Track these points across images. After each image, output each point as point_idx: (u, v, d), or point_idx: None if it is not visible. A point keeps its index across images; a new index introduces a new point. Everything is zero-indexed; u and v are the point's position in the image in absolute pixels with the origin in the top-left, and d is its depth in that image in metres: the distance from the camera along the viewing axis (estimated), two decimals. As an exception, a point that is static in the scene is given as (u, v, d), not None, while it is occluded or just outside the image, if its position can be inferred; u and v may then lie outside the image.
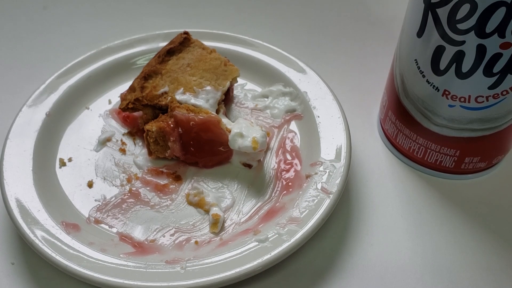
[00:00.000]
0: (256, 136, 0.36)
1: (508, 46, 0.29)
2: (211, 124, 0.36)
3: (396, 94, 0.37)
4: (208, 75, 0.40)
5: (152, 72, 0.39)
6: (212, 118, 0.36)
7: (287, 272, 0.33)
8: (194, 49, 0.41)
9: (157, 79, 0.39)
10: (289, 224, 0.33)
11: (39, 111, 0.40)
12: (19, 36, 0.52)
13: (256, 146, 0.36)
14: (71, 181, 0.37)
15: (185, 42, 0.42)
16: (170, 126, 0.37)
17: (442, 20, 0.30)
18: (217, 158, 0.38)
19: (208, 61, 0.40)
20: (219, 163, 0.38)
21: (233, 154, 0.38)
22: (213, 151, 0.37)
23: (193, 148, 0.37)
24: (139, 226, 0.35)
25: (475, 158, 0.36)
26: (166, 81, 0.39)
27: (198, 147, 0.37)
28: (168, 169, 0.38)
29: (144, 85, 0.39)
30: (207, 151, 0.37)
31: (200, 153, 0.37)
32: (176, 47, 0.41)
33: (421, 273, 0.33)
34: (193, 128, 0.36)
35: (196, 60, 0.41)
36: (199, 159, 0.38)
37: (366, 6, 0.56)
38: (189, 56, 0.41)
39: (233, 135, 0.36)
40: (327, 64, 0.48)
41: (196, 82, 0.39)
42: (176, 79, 0.40)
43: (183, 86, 0.39)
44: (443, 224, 0.36)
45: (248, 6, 0.56)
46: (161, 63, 0.40)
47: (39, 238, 0.32)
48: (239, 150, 0.36)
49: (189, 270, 0.31)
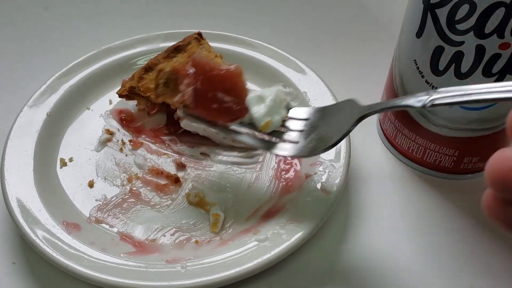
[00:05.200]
0: (274, 119, 0.32)
1: (507, 47, 0.29)
2: (232, 73, 0.32)
3: (396, 94, 0.37)
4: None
5: (154, 65, 0.40)
6: (234, 69, 0.32)
7: (287, 272, 0.33)
8: (201, 50, 0.41)
9: (154, 72, 0.40)
10: (288, 224, 0.33)
11: (40, 111, 0.40)
12: (20, 36, 0.52)
13: (266, 127, 0.32)
14: (72, 181, 0.37)
15: (193, 44, 0.42)
16: (185, 69, 0.33)
17: (441, 21, 0.30)
18: (229, 114, 0.33)
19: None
20: (230, 120, 0.33)
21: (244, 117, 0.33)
22: (227, 104, 0.32)
23: (206, 96, 0.32)
24: (139, 226, 0.35)
25: (474, 158, 0.36)
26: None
27: (211, 96, 0.32)
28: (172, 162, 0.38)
29: (143, 76, 0.39)
30: (220, 102, 0.32)
31: (211, 103, 0.32)
32: (184, 45, 0.41)
33: (420, 273, 0.33)
34: (212, 75, 0.32)
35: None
36: (209, 111, 0.33)
37: (366, 7, 0.56)
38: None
39: (255, 95, 0.32)
40: (327, 64, 0.48)
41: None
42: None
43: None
44: (442, 223, 0.36)
45: (248, 6, 0.56)
46: (166, 58, 0.40)
47: (40, 237, 0.32)
48: (249, 116, 0.32)
49: (189, 269, 0.31)
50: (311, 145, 0.30)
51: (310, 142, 0.30)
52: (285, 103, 0.33)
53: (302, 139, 0.31)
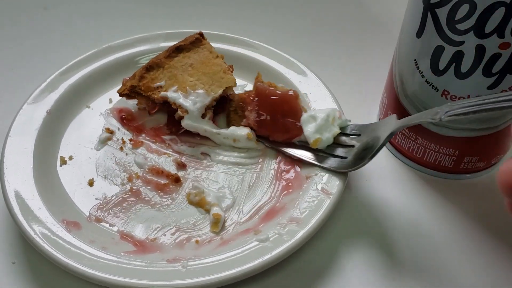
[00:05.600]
0: (324, 137, 0.36)
1: (507, 46, 0.29)
2: (289, 97, 0.37)
3: (395, 94, 0.37)
4: (205, 78, 0.40)
5: (155, 65, 0.40)
6: (291, 93, 0.38)
7: (287, 272, 0.33)
8: (202, 50, 0.42)
9: (158, 72, 0.40)
10: (289, 224, 0.33)
11: (40, 109, 0.40)
12: (20, 35, 0.52)
13: (315, 144, 0.36)
14: (72, 179, 0.37)
15: (196, 42, 0.42)
16: (249, 97, 0.38)
17: (441, 21, 0.30)
18: (287, 133, 0.38)
19: (209, 65, 0.40)
20: (288, 138, 0.38)
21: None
22: (285, 125, 0.38)
23: (268, 119, 0.38)
24: (139, 225, 0.35)
25: (474, 157, 0.36)
26: (165, 75, 0.40)
27: (272, 119, 0.38)
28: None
29: (144, 75, 0.40)
30: (279, 124, 0.38)
31: (273, 125, 0.38)
32: (186, 45, 0.41)
33: (420, 273, 0.33)
34: (272, 100, 0.37)
35: (199, 62, 0.41)
36: (271, 131, 0.38)
37: (366, 7, 0.56)
38: (194, 57, 0.41)
39: (308, 115, 0.37)
40: (327, 64, 0.48)
41: (192, 83, 0.39)
42: (175, 75, 0.40)
43: (178, 84, 0.39)
44: (442, 223, 0.36)
45: (249, 7, 0.56)
46: (167, 57, 0.41)
47: (40, 236, 0.32)
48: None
49: (190, 269, 0.31)
50: (356, 159, 0.35)
51: (355, 156, 0.35)
52: (339, 121, 0.37)
53: (350, 154, 0.35)
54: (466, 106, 0.25)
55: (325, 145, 0.36)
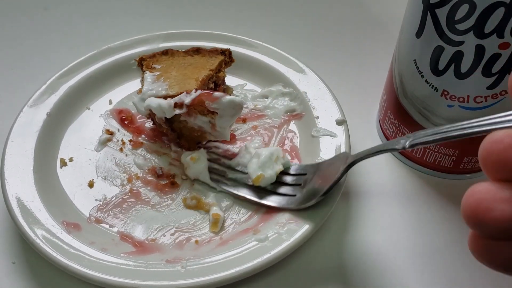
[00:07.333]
0: (267, 174, 0.34)
1: (507, 46, 0.29)
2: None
3: (395, 94, 0.37)
4: (181, 78, 0.39)
5: (171, 53, 0.42)
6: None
7: (286, 272, 0.33)
8: (210, 58, 0.41)
9: (167, 57, 0.41)
10: (288, 223, 0.33)
11: (40, 111, 0.40)
12: (20, 36, 0.52)
13: (257, 181, 0.34)
14: (72, 181, 0.37)
15: (214, 53, 0.41)
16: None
17: (441, 21, 0.30)
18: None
19: (201, 73, 0.39)
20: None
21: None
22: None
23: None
24: (139, 226, 0.35)
25: (474, 158, 0.36)
26: (164, 63, 0.41)
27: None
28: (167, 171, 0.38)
29: (157, 55, 0.42)
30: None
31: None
32: (205, 51, 0.42)
33: (421, 273, 0.33)
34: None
35: (199, 66, 0.40)
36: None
37: (366, 7, 0.56)
38: (201, 61, 0.41)
39: (253, 153, 0.36)
40: (327, 64, 0.48)
41: (171, 76, 0.39)
42: (169, 65, 0.40)
43: (163, 72, 0.39)
44: (442, 223, 0.36)
45: (248, 7, 0.56)
46: (185, 52, 0.42)
47: (40, 237, 0.32)
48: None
49: (189, 269, 0.31)
50: (305, 197, 0.33)
51: (305, 193, 0.33)
52: (282, 161, 0.36)
53: (298, 192, 0.34)
54: (430, 134, 0.25)
55: (268, 183, 0.35)
